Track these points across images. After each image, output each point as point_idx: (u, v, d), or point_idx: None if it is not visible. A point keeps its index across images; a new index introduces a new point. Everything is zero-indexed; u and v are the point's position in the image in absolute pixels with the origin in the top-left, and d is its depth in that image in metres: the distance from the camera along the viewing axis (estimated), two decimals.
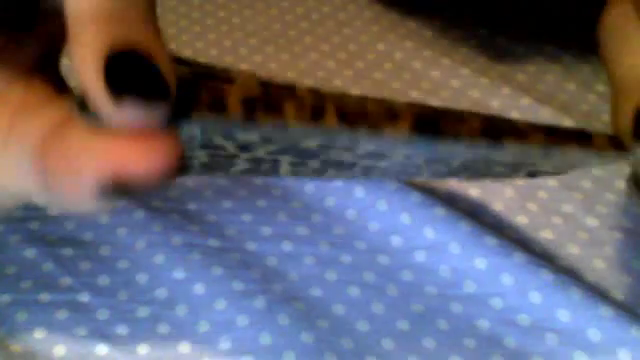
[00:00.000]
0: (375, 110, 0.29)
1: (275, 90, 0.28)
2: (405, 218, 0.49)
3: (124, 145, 0.26)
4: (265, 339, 0.43)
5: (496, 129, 0.31)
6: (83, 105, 0.26)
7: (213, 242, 0.49)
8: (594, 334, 0.42)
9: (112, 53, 0.25)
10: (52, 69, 0.33)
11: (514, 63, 0.64)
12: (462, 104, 0.60)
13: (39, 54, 0.32)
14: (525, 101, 0.60)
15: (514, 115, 0.59)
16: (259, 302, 0.45)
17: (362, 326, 0.44)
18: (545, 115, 0.59)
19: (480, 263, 0.46)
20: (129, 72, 0.25)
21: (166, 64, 0.26)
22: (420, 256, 0.48)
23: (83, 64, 0.26)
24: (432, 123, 0.30)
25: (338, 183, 0.52)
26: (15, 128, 0.30)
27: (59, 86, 0.33)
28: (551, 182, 0.53)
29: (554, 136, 0.33)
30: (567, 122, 0.58)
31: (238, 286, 0.46)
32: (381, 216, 0.50)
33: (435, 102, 0.61)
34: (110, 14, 0.26)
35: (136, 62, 0.25)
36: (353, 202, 0.51)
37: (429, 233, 0.48)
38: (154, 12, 0.28)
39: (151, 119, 0.25)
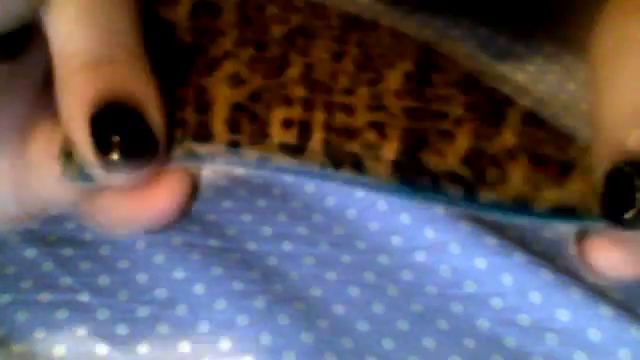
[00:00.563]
0: (362, 134, 0.29)
1: (265, 98, 0.29)
2: (405, 218, 0.49)
3: (135, 200, 0.27)
4: (265, 339, 0.43)
5: (479, 156, 0.31)
6: (69, 158, 0.27)
7: (213, 242, 0.49)
8: (594, 334, 0.42)
9: (98, 108, 0.25)
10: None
11: (514, 63, 0.64)
12: None
13: (43, 74, 0.31)
14: (525, 101, 0.60)
15: None
16: (259, 302, 0.45)
17: (362, 326, 0.45)
18: (545, 115, 0.58)
19: (480, 263, 0.46)
20: (118, 127, 0.25)
21: (155, 112, 0.26)
22: (420, 256, 0.48)
23: (71, 116, 0.26)
24: (418, 147, 0.30)
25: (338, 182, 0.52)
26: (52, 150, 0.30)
27: None
28: None
29: (538, 166, 0.31)
30: (567, 122, 0.58)
31: (238, 286, 0.46)
32: (381, 216, 0.50)
33: None
34: (98, 59, 0.26)
35: (124, 115, 0.25)
36: (353, 202, 0.51)
37: (429, 233, 0.48)
38: (143, 51, 0.27)
39: (140, 175, 0.26)
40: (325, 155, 0.29)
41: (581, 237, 0.30)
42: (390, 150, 0.29)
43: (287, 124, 0.28)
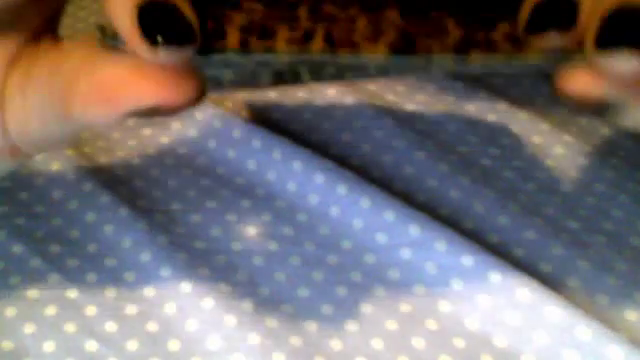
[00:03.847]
0: (360, 31, 0.32)
1: (275, 13, 0.32)
2: (389, 215, 0.49)
3: (158, 82, 0.30)
4: (254, 339, 0.43)
5: (468, 43, 0.33)
6: (104, 32, 0.31)
7: (199, 244, 0.48)
8: (584, 332, 0.42)
9: (143, 1, 0.29)
10: (53, 32, 0.37)
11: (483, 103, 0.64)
12: (437, 107, 0.60)
13: (43, 20, 0.36)
14: (501, 107, 0.60)
15: (490, 118, 0.59)
16: (246, 305, 0.45)
17: (351, 326, 0.44)
18: (521, 118, 0.59)
19: (467, 260, 0.46)
20: (159, 17, 0.29)
21: (189, 11, 0.30)
22: (406, 253, 0.48)
23: (118, 12, 0.29)
24: (409, 41, 0.32)
25: (320, 180, 0.52)
26: (29, 77, 0.34)
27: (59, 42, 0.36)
28: (530, 185, 0.54)
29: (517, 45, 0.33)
30: (543, 126, 0.58)
31: (225, 288, 0.46)
32: (365, 213, 0.50)
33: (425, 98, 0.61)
34: None
35: (165, 8, 0.29)
36: (336, 199, 0.51)
37: (414, 230, 0.48)
38: None
39: (180, 59, 0.30)
40: (325, 41, 0.32)
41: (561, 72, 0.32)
42: (388, 38, 0.32)
43: (292, 29, 0.32)
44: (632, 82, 0.31)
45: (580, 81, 0.31)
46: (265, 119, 0.58)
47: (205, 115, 0.56)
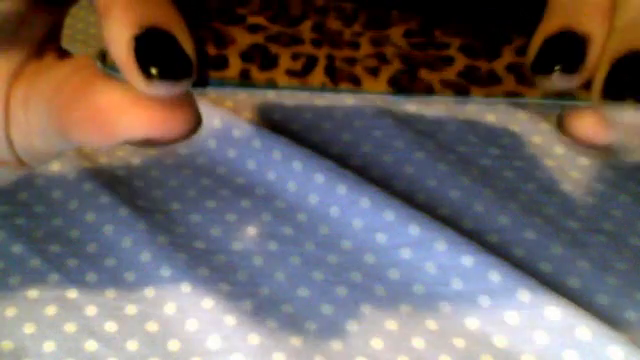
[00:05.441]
0: (362, 60, 0.32)
1: (278, 29, 0.33)
2: (389, 214, 0.49)
3: (152, 116, 0.30)
4: (254, 339, 0.43)
5: (469, 77, 0.32)
6: (104, 60, 0.30)
7: (198, 244, 0.48)
8: (584, 332, 0.42)
9: (140, 32, 0.28)
10: (56, 43, 0.36)
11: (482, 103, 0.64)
12: (436, 107, 0.60)
13: (45, 31, 0.35)
14: (501, 107, 0.60)
15: (490, 118, 0.59)
16: (246, 305, 0.45)
17: (351, 326, 0.44)
18: (521, 118, 0.59)
19: (467, 260, 0.46)
20: (157, 49, 0.29)
21: (188, 42, 0.29)
22: (406, 253, 0.48)
23: (114, 40, 0.29)
24: (410, 76, 0.32)
25: (320, 180, 0.52)
26: (31, 93, 0.34)
27: (62, 55, 0.36)
28: (530, 185, 0.54)
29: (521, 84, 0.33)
30: (543, 126, 0.58)
31: (225, 288, 0.45)
32: (365, 213, 0.50)
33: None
34: None
35: (162, 40, 0.29)
36: (336, 199, 0.51)
37: (414, 230, 0.48)
38: None
39: (176, 92, 0.29)
40: (326, 75, 0.32)
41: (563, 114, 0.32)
42: (390, 70, 0.32)
43: (295, 57, 0.32)
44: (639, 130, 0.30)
45: (585, 125, 0.30)
46: (265, 119, 0.58)
47: (205, 115, 0.56)
